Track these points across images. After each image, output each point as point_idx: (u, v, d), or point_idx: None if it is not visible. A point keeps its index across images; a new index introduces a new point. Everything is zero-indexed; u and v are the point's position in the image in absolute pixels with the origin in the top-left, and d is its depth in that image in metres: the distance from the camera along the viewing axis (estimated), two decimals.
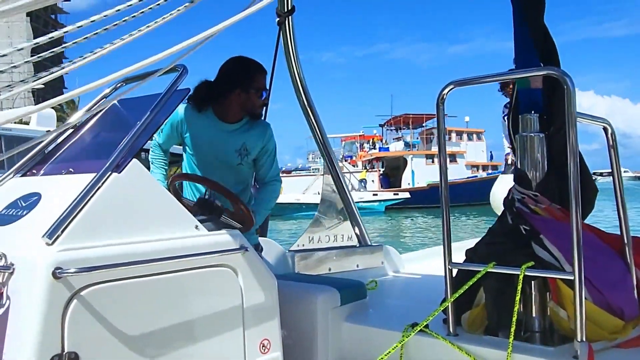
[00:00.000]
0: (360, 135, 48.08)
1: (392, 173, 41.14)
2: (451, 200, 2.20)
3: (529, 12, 2.36)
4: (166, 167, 2.88)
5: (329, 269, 3.38)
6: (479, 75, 2.20)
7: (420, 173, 38.71)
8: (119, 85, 2.30)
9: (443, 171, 2.19)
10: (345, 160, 42.91)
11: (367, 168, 41.92)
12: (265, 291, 1.92)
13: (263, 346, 1.88)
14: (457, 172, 36.35)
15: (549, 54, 2.37)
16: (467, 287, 2.10)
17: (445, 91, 2.17)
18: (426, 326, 2.15)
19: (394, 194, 33.96)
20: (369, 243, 3.78)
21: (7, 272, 1.46)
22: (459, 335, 2.16)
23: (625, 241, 2.25)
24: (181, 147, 2.86)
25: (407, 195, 33.62)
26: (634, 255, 2.24)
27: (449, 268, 2.16)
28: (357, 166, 42.78)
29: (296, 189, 33.10)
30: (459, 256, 2.23)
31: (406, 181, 39.64)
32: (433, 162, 38.52)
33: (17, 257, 1.47)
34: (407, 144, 43.92)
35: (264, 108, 2.93)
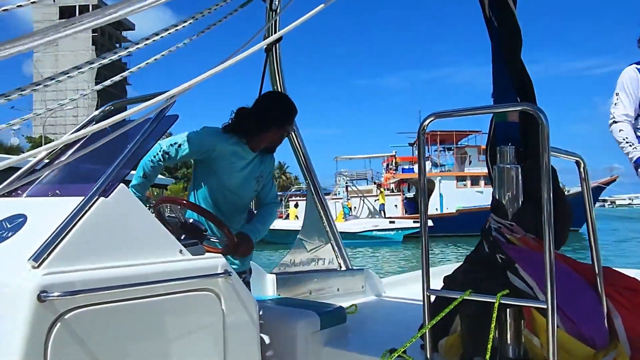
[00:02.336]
0: (391, 156, 42.03)
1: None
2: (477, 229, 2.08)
3: (507, 48, 2.46)
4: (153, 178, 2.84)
5: (310, 292, 3.41)
6: (459, 108, 2.28)
7: (450, 197, 34.47)
8: (107, 109, 2.34)
9: (423, 200, 2.25)
10: (375, 183, 39.74)
11: (395, 191, 37.67)
12: (246, 315, 1.94)
13: None
14: (482, 200, 30.73)
15: (525, 89, 2.47)
16: (443, 314, 2.14)
17: (426, 122, 2.24)
18: (404, 352, 2.19)
19: (414, 222, 28.15)
20: (350, 267, 3.82)
21: None
22: None
23: (597, 271, 2.33)
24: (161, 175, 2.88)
25: (429, 223, 30.05)
26: (605, 286, 2.32)
27: (427, 294, 2.21)
28: (387, 189, 38.06)
29: (301, 214, 30.74)
30: (437, 282, 2.29)
31: (434, 206, 34.30)
32: (465, 185, 35.12)
33: (1, 279, 1.48)
34: (435, 164, 38.52)
35: None
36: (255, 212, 3.03)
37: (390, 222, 28.57)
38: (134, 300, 1.63)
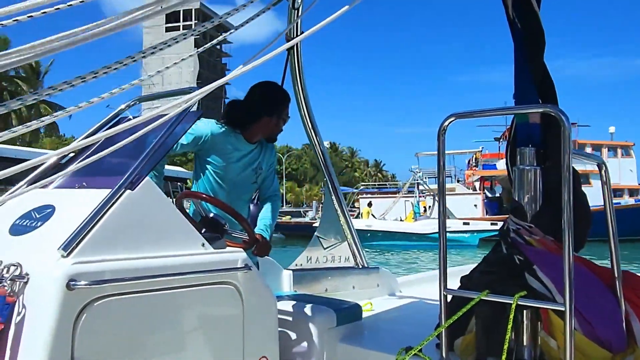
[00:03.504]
0: (477, 152, 38.82)
1: (507, 197, 30.71)
2: None
3: (530, 50, 2.46)
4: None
5: (326, 289, 3.43)
6: (481, 109, 2.29)
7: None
8: (133, 103, 2.38)
9: (442, 199, 2.26)
10: (458, 181, 36.94)
11: (477, 189, 34.21)
12: (265, 310, 1.97)
13: None
14: (591, 197, 28.21)
15: (547, 91, 2.47)
16: (460, 313, 2.15)
17: (446, 123, 2.25)
18: (420, 350, 2.21)
19: (492, 224, 25.24)
20: (366, 265, 3.83)
21: (22, 282, 1.51)
22: None
23: (616, 275, 2.32)
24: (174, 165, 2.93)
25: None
26: (624, 289, 2.31)
27: (443, 294, 2.22)
28: (469, 188, 35.00)
29: (374, 213, 28.86)
30: (453, 282, 2.30)
31: None
32: None
33: (32, 268, 1.53)
34: None
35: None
36: (257, 203, 3.06)
37: (465, 223, 25.57)
38: (157, 292, 1.67)
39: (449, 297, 2.25)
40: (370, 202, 31.61)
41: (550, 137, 2.33)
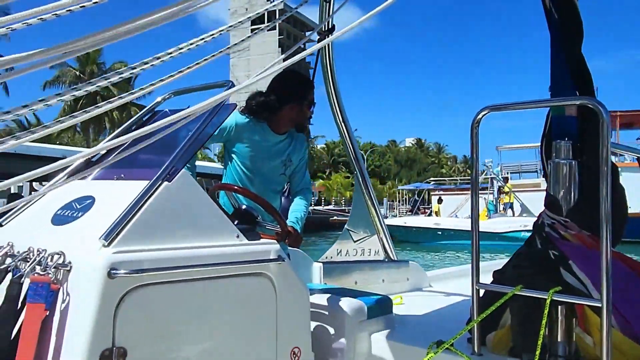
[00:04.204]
0: None
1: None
2: None
3: (567, 40, 2.41)
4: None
5: (355, 282, 3.45)
6: (516, 102, 2.26)
7: (636, 194, 27.33)
8: (168, 96, 2.43)
9: (475, 195, 2.25)
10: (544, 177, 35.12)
11: None
12: (298, 301, 1.99)
13: (294, 354, 1.95)
14: None
15: (584, 83, 2.42)
16: (493, 308, 2.14)
17: (480, 115, 2.23)
18: (451, 344, 2.20)
19: None
20: (395, 258, 3.83)
21: (65, 270, 1.57)
22: (483, 355, 2.20)
23: None
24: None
25: None
26: None
27: (476, 288, 2.21)
28: None
29: (445, 210, 27.47)
30: (485, 277, 2.28)
31: None
32: None
33: (74, 256, 1.58)
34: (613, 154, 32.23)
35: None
36: (288, 196, 3.07)
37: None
38: (193, 281, 1.71)
39: (481, 292, 2.24)
40: (440, 198, 30.12)
41: (587, 130, 2.28)
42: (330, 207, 47.42)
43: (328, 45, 3.43)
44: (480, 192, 28.56)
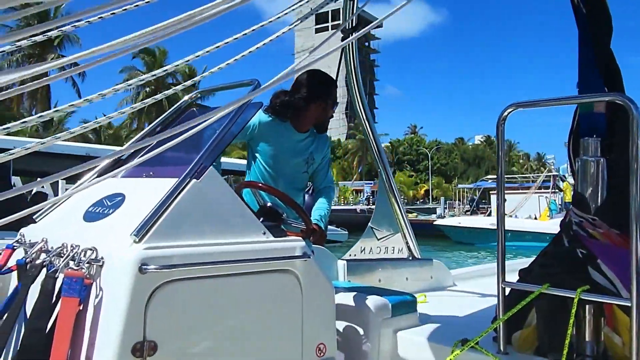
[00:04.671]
0: None
1: None
2: None
3: (595, 35, 2.38)
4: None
5: (379, 280, 3.45)
6: (542, 99, 2.24)
7: None
8: (195, 96, 2.47)
9: (501, 194, 2.23)
10: None
11: None
12: (323, 297, 2.01)
13: (319, 350, 1.97)
14: None
15: (613, 79, 2.38)
16: (520, 306, 2.12)
17: (506, 113, 2.21)
18: (476, 343, 2.19)
19: None
20: (419, 257, 3.82)
21: (97, 265, 1.61)
22: (509, 354, 2.19)
23: None
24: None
25: None
26: None
27: (502, 287, 2.19)
28: None
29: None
30: (510, 276, 2.27)
31: None
32: None
33: (106, 252, 1.62)
34: None
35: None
36: (312, 194, 3.09)
37: None
38: (220, 277, 1.74)
39: (507, 291, 2.23)
40: None
41: (617, 126, 2.25)
42: None
43: (351, 43, 3.43)
44: (541, 191, 26.23)
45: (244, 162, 3.11)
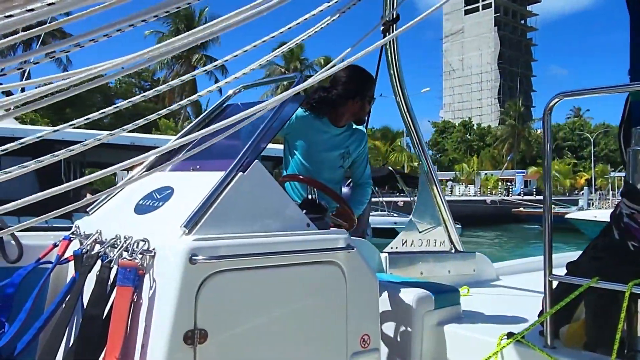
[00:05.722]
0: None
1: None
2: None
3: None
4: None
5: (421, 273, 3.43)
6: (591, 88, 2.18)
7: None
8: (238, 90, 2.51)
9: (548, 184, 2.19)
10: None
11: None
12: (367, 289, 2.02)
13: (363, 340, 1.99)
14: None
15: None
16: (568, 300, 2.08)
17: (552, 103, 2.17)
18: (522, 337, 2.16)
19: None
20: (461, 250, 3.78)
21: (150, 256, 1.67)
22: (556, 348, 2.15)
23: None
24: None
25: None
26: None
27: (549, 280, 2.16)
28: None
29: None
30: (556, 270, 2.22)
31: None
32: None
33: (158, 243, 1.68)
34: None
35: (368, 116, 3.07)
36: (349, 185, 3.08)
37: None
38: (267, 269, 1.78)
39: (554, 284, 2.19)
40: None
41: None
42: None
43: (393, 33, 3.41)
44: None
45: (279, 146, 3.14)
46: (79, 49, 1.09)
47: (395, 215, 18.22)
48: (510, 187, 51.65)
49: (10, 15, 0.89)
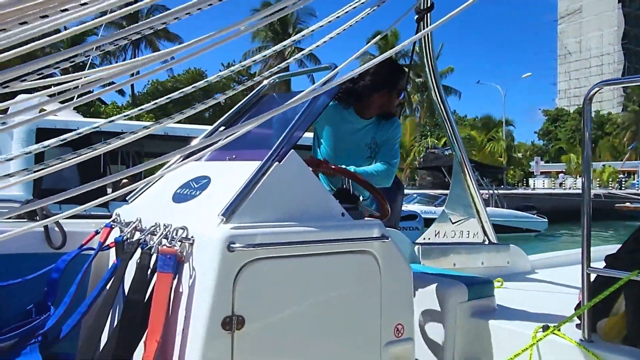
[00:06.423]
0: None
1: None
2: None
3: None
4: None
5: (454, 264, 3.41)
6: (631, 77, 2.12)
7: None
8: (273, 81, 2.53)
9: (587, 175, 2.15)
10: None
11: None
12: (401, 278, 2.03)
13: (397, 330, 1.99)
14: None
15: None
16: (608, 292, 2.05)
17: (593, 92, 2.12)
18: (558, 329, 2.14)
19: None
20: (495, 241, 3.74)
21: (188, 243, 1.71)
22: (594, 342, 2.12)
23: None
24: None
25: None
26: None
27: (587, 272, 2.12)
28: None
29: None
30: (594, 263, 2.18)
31: None
32: None
33: (196, 231, 1.72)
34: None
35: (401, 108, 3.02)
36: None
37: None
38: (302, 257, 1.79)
39: (592, 277, 2.15)
40: None
41: None
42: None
43: (427, 24, 3.37)
44: None
45: (309, 135, 3.14)
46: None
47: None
48: (623, 180, 47.16)
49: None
